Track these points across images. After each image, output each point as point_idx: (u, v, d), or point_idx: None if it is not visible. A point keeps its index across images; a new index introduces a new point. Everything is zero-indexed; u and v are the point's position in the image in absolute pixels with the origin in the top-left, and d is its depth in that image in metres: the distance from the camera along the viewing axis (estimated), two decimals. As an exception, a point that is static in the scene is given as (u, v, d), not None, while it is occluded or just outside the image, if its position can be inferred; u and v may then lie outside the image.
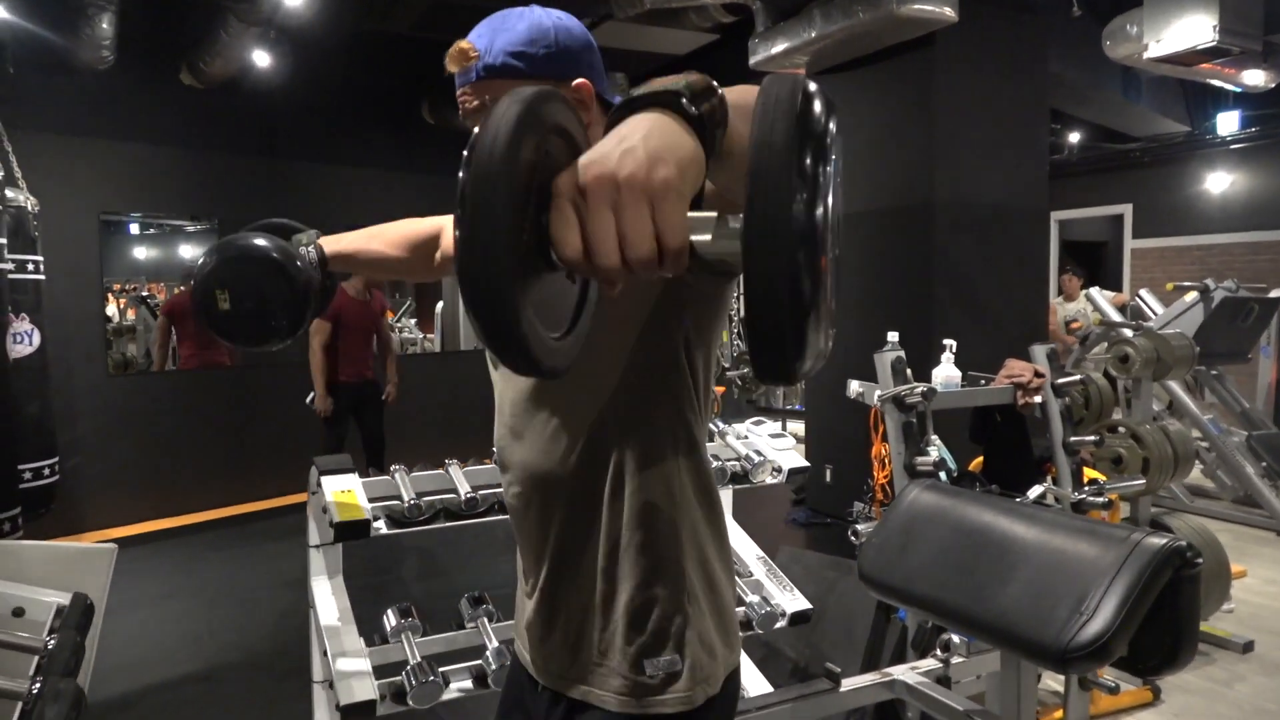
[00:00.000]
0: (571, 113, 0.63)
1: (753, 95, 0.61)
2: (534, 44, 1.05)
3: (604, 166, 0.56)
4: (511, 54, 1.04)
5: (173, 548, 5.09)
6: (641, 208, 0.55)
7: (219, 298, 1.31)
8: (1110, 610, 1.44)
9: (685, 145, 0.59)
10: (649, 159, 0.56)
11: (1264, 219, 7.88)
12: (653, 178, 0.55)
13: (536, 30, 1.06)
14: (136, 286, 10.34)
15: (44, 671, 1.38)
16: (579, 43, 1.09)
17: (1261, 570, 4.36)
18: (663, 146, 0.57)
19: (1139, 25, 5.12)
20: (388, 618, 2.19)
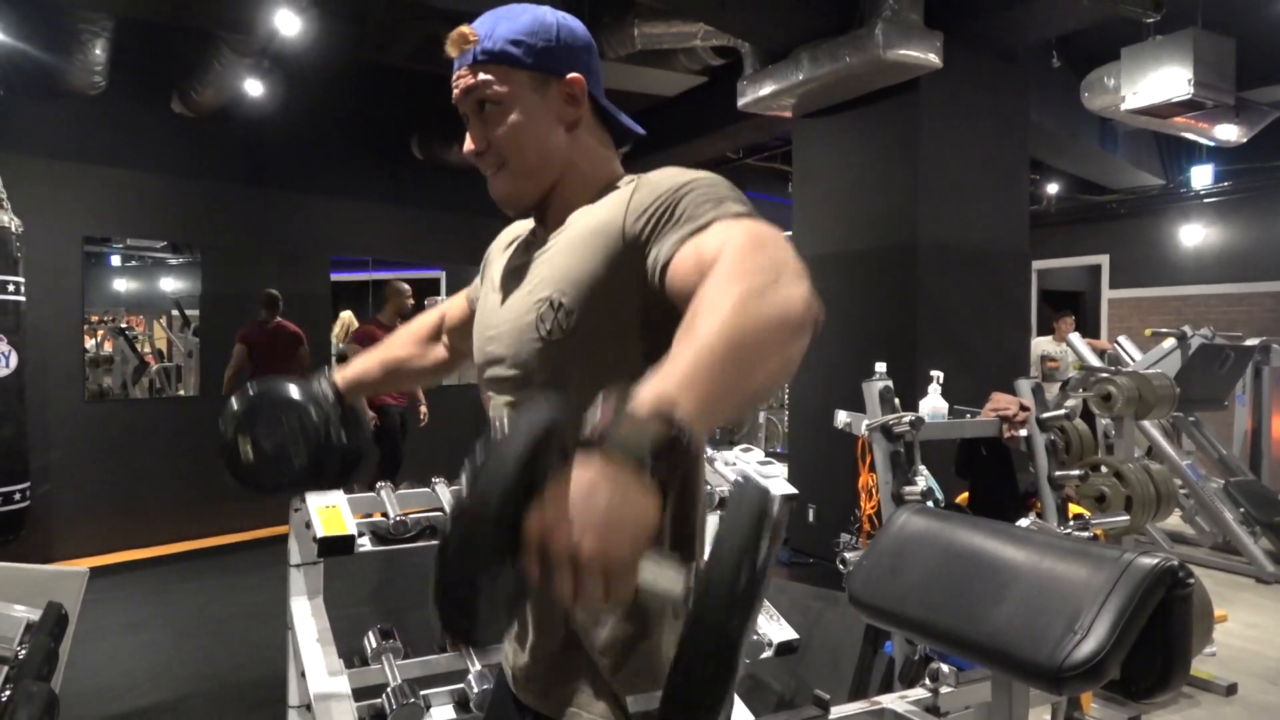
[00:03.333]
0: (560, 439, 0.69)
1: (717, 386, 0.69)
2: (534, 35, 1.06)
3: (566, 537, 0.63)
4: (511, 41, 1.05)
5: (143, 578, 4.98)
6: (596, 579, 0.63)
7: (242, 446, 1.27)
8: (1104, 630, 1.43)
9: (642, 512, 0.65)
10: (607, 536, 0.63)
11: (1238, 271, 8.04)
12: (609, 556, 0.63)
13: (539, 23, 1.07)
14: (115, 317, 10.26)
15: (16, 677, 1.34)
16: (579, 41, 1.10)
17: (1242, 615, 4.36)
18: (621, 520, 0.63)
19: (1116, 77, 5.26)
20: (368, 639, 2.15)
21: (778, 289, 0.77)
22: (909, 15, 4.31)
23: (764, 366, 0.74)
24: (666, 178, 0.98)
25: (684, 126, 7.06)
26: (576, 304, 0.99)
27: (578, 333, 0.99)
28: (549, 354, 1.02)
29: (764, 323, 0.74)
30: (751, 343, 0.73)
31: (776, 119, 5.71)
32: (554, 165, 1.09)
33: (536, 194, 1.11)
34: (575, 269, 1.00)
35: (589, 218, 1.04)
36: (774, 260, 0.80)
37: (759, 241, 0.83)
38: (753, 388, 0.74)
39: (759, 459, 2.48)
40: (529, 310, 1.03)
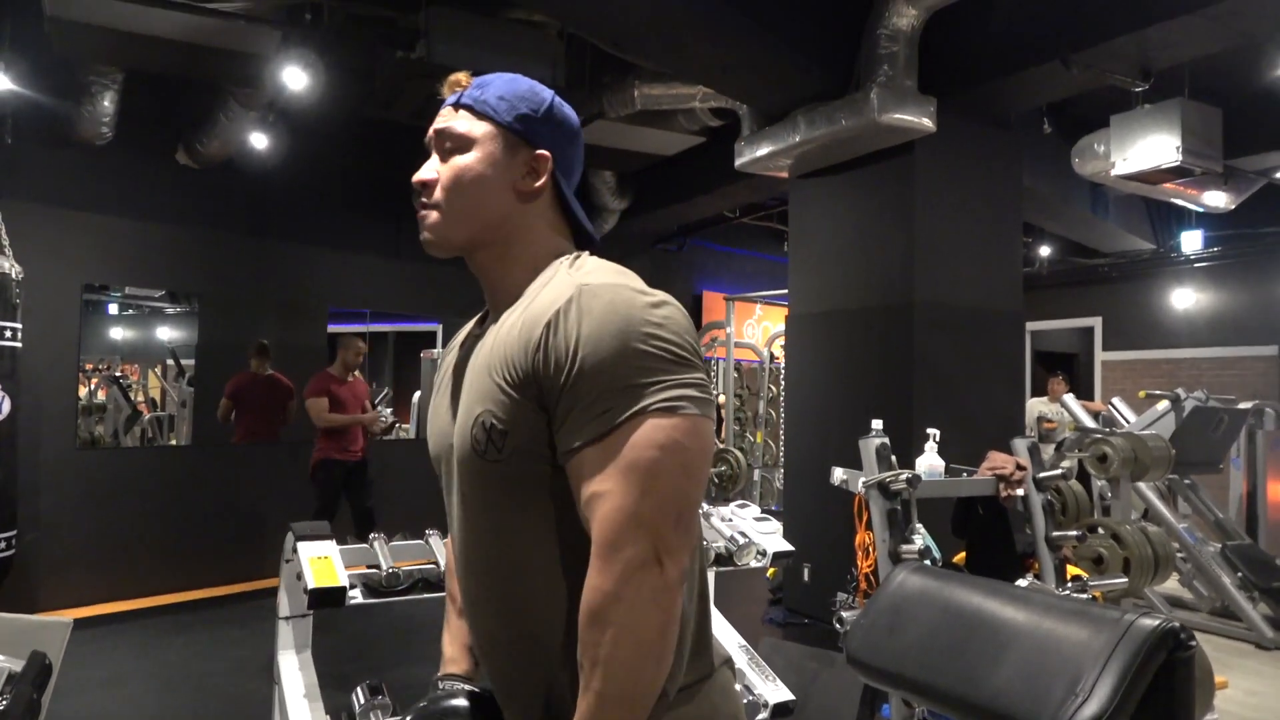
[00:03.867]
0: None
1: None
2: (523, 100, 1.08)
3: None
4: (499, 97, 1.07)
5: (128, 630, 4.88)
6: None
7: None
8: (1106, 691, 1.41)
9: None
10: None
11: (1229, 335, 8.11)
12: None
13: (533, 94, 1.09)
14: (110, 365, 10.24)
15: (-4, 729, 1.31)
16: (566, 128, 1.11)
17: (1242, 681, 4.30)
18: None
19: (1106, 144, 5.37)
20: (356, 696, 2.10)
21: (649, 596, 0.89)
22: (903, 81, 4.41)
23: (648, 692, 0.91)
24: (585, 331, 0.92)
25: (682, 185, 7.16)
26: (509, 426, 0.96)
27: (513, 457, 0.97)
28: (488, 472, 1.00)
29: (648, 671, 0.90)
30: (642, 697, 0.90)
31: (773, 179, 5.80)
32: (488, 223, 1.07)
33: (460, 240, 1.09)
34: (501, 391, 0.98)
35: (512, 332, 1.00)
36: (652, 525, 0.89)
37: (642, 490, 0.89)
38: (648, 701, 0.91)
39: (755, 515, 2.46)
40: (467, 424, 1.01)
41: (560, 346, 0.92)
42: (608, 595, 0.88)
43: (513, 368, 0.96)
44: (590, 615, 0.90)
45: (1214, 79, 5.33)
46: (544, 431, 0.96)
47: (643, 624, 0.88)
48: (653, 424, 0.89)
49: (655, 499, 0.89)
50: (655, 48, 4.47)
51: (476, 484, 1.03)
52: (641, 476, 0.89)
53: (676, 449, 0.90)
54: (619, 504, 0.89)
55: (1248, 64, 5.38)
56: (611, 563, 0.89)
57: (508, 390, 0.97)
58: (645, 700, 0.90)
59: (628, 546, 0.88)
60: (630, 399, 0.90)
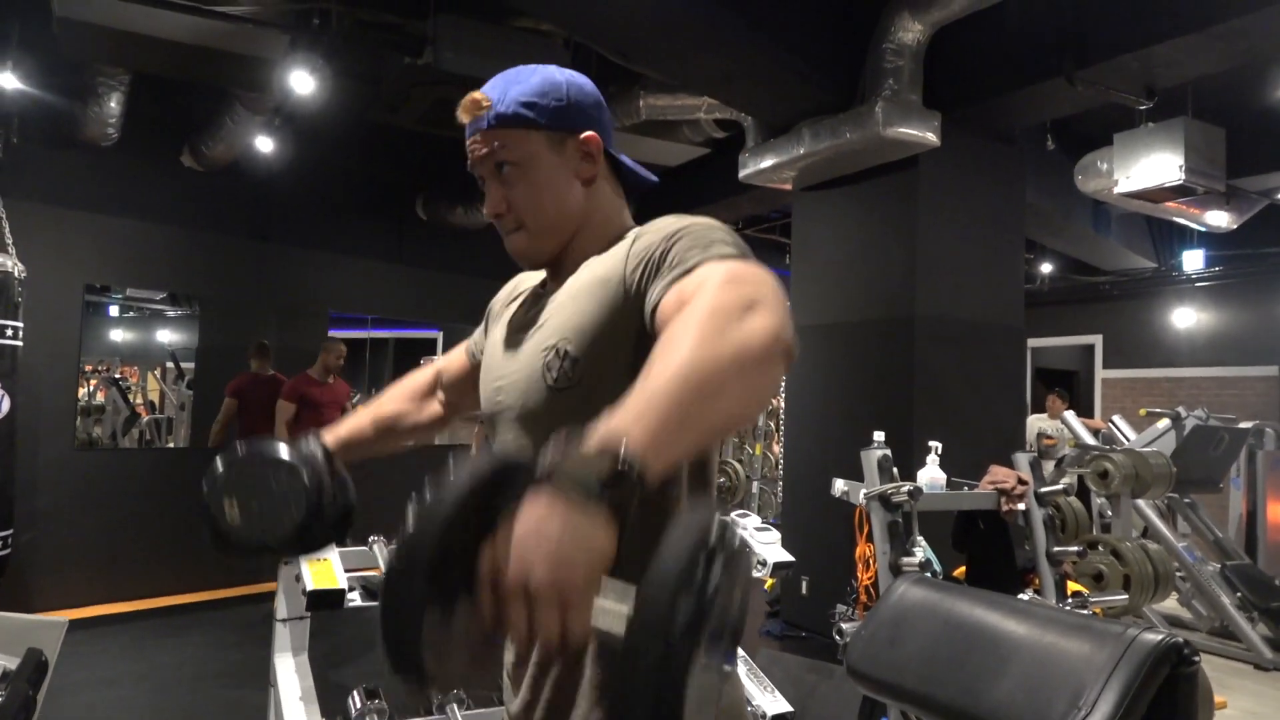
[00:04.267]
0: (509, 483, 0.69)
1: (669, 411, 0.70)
2: (545, 95, 1.08)
3: (520, 570, 0.63)
4: (524, 103, 1.07)
5: (122, 632, 4.86)
6: (552, 610, 0.63)
7: (228, 508, 1.21)
8: (1108, 707, 1.40)
9: (595, 542, 0.65)
10: (560, 566, 0.62)
11: (1229, 355, 8.11)
12: (563, 586, 0.62)
13: (549, 83, 1.09)
14: (109, 367, 10.23)
15: (-9, 725, 1.30)
16: (590, 99, 1.13)
17: (1241, 702, 4.28)
18: (573, 550, 0.63)
19: (1109, 162, 5.38)
20: (353, 699, 2.09)
21: (743, 322, 0.78)
22: (908, 95, 4.42)
23: (724, 397, 0.74)
24: (663, 226, 1.01)
25: (686, 196, 7.17)
26: (582, 353, 1.00)
27: (584, 382, 1.00)
28: (555, 403, 1.02)
29: (723, 355, 0.75)
30: (708, 375, 0.73)
31: (776, 191, 5.81)
32: (571, 221, 1.12)
33: (555, 249, 1.13)
34: (580, 318, 1.02)
35: (595, 268, 1.06)
36: (744, 295, 0.82)
37: (733, 278, 0.86)
38: (714, 419, 0.75)
39: (756, 525, 2.45)
40: (536, 359, 1.04)
41: (648, 239, 1.01)
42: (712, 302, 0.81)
43: (600, 283, 1.02)
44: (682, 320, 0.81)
45: (1217, 99, 5.35)
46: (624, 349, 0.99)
47: (751, 330, 0.78)
48: (739, 260, 0.92)
49: (754, 276, 0.87)
50: (661, 58, 4.48)
51: (544, 421, 1.03)
52: (731, 268, 0.89)
53: (763, 271, 0.90)
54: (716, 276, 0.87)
55: (1251, 84, 5.41)
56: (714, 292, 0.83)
57: (590, 309, 1.01)
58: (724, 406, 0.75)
59: (733, 286, 0.84)
60: (715, 250, 0.94)
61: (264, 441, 1.24)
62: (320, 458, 1.23)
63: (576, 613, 0.63)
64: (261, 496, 1.20)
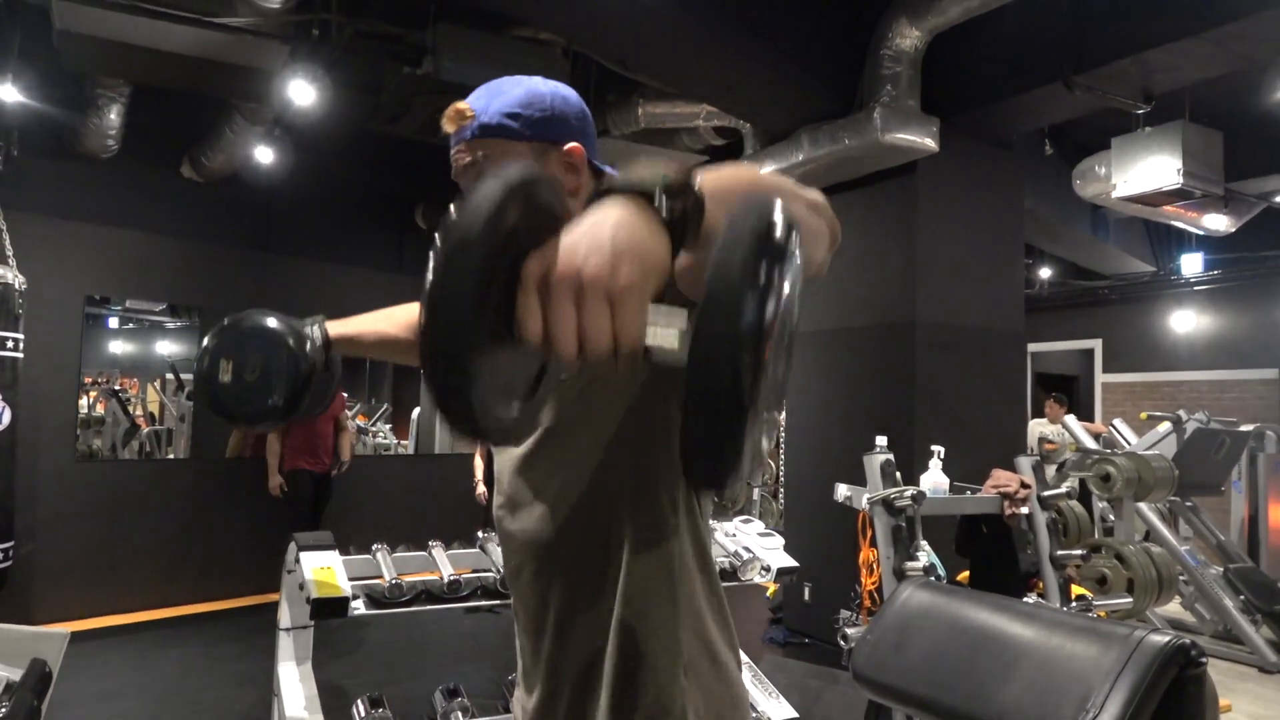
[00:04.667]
0: (554, 192, 0.65)
1: (740, 181, 0.65)
2: (529, 106, 1.08)
3: (570, 261, 0.58)
4: (507, 114, 1.07)
5: (123, 644, 4.84)
6: (601, 306, 0.58)
7: (222, 368, 1.29)
8: (1116, 709, 1.40)
9: (652, 244, 0.61)
10: (614, 257, 0.58)
11: (1229, 358, 8.12)
12: (616, 278, 0.58)
13: (533, 95, 1.10)
14: (109, 379, 10.22)
15: (-4, 736, 1.30)
16: (573, 110, 1.13)
17: (1246, 705, 4.27)
18: (629, 245, 0.59)
19: (1107, 166, 5.40)
20: (357, 708, 2.09)
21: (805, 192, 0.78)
22: (906, 101, 4.44)
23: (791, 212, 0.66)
24: None
25: (684, 204, 7.18)
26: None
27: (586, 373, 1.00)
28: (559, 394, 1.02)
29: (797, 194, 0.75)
30: (782, 192, 0.72)
31: (776, 198, 5.81)
32: None
33: None
34: None
35: None
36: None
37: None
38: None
39: (759, 530, 2.45)
40: None
41: None
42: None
43: None
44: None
45: (1215, 103, 5.36)
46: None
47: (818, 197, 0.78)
48: None
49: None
50: (661, 67, 4.50)
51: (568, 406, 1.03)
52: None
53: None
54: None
55: (1248, 88, 5.43)
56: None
57: None
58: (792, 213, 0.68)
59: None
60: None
61: (269, 316, 1.35)
62: (318, 339, 1.35)
63: (628, 315, 0.58)
64: (256, 367, 1.29)
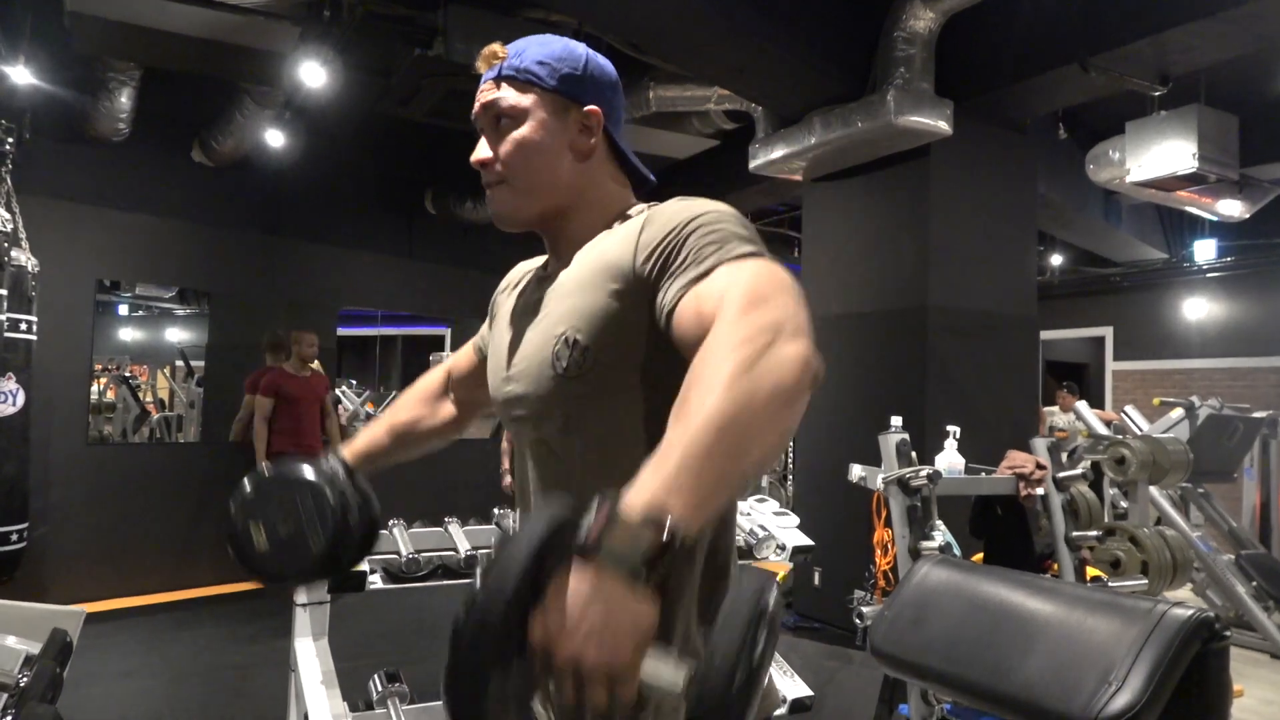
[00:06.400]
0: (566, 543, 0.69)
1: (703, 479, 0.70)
2: (562, 61, 1.08)
3: (572, 648, 0.65)
4: (539, 62, 1.08)
5: (137, 625, 4.88)
6: (600, 688, 0.65)
7: (254, 534, 1.20)
8: (1140, 681, 1.39)
9: (644, 619, 0.67)
10: (611, 647, 0.65)
11: (1242, 346, 8.07)
12: (612, 665, 0.65)
13: (569, 52, 1.10)
14: (119, 366, 10.27)
15: (19, 702, 1.30)
16: (607, 79, 1.13)
17: (1258, 691, 4.26)
18: (623, 630, 0.66)
19: (1121, 151, 5.35)
20: (374, 683, 2.10)
21: (771, 357, 0.77)
22: (920, 84, 4.40)
23: (758, 445, 0.75)
24: (674, 213, 0.98)
25: (694, 189, 7.06)
26: (592, 340, 0.98)
27: (595, 370, 0.98)
28: (567, 392, 1.00)
29: (756, 401, 0.74)
30: (744, 425, 0.73)
31: (787, 182, 5.79)
32: (557, 189, 1.09)
33: (534, 214, 1.11)
34: (589, 305, 1.00)
35: (600, 251, 1.04)
36: (769, 320, 0.80)
37: (756, 296, 0.84)
38: (748, 469, 0.76)
39: (774, 509, 2.45)
40: (545, 347, 1.02)
41: (658, 226, 0.98)
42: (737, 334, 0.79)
43: (608, 270, 1.00)
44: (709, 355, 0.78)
45: (1230, 86, 5.31)
46: (634, 337, 0.97)
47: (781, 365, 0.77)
48: (756, 263, 0.91)
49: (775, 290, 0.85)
50: (674, 48, 4.48)
51: (557, 411, 1.02)
52: (752, 279, 0.87)
53: (782, 277, 0.88)
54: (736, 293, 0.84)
55: (1264, 72, 5.38)
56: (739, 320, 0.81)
57: (599, 297, 0.99)
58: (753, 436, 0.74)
59: (757, 310, 0.81)
60: (730, 248, 0.92)
61: (288, 463, 1.22)
62: (343, 475, 1.20)
63: (625, 690, 0.66)
64: (287, 520, 1.18)
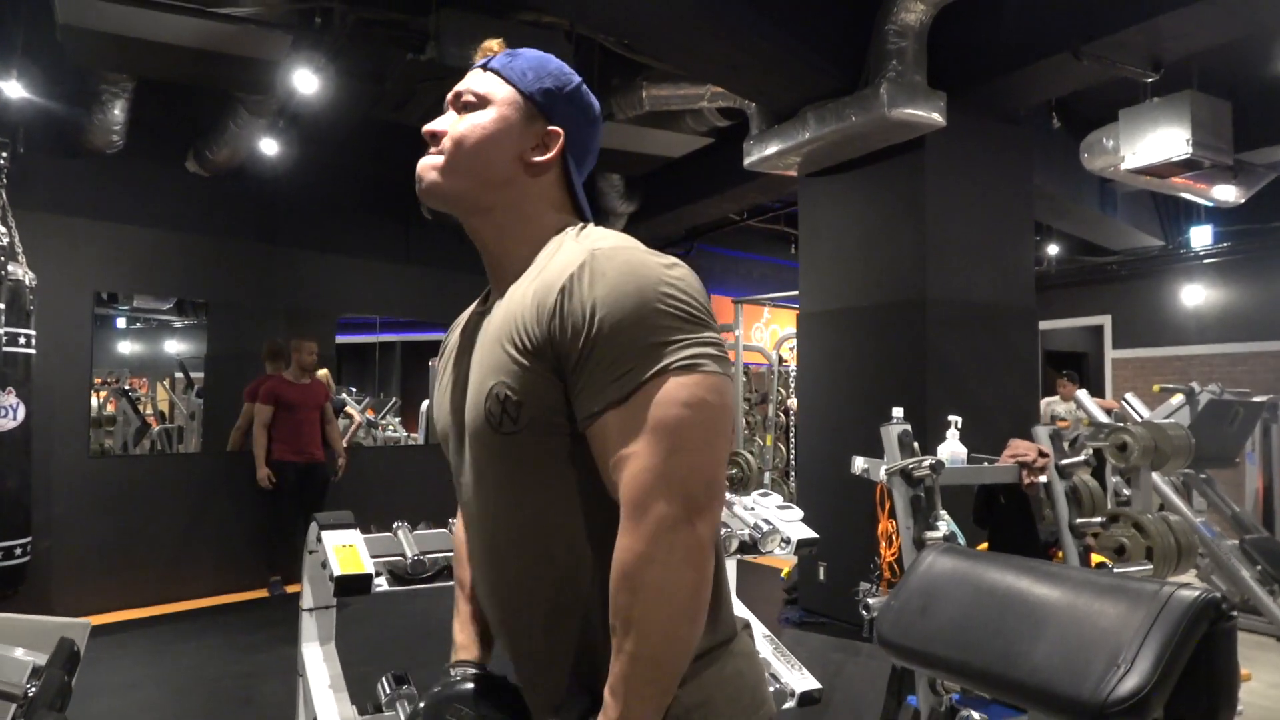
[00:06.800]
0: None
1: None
2: (549, 77, 1.09)
3: None
4: (528, 67, 1.08)
5: (141, 637, 4.87)
6: None
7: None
8: (1148, 663, 1.39)
9: None
10: None
11: (1240, 331, 8.08)
12: None
13: (562, 73, 1.10)
14: (119, 379, 10.26)
15: (28, 711, 1.30)
16: (587, 112, 1.12)
17: (1265, 675, 4.27)
18: None
19: (1115, 138, 5.35)
20: (382, 685, 2.09)
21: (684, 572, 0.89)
22: (912, 76, 4.41)
23: (686, 651, 0.91)
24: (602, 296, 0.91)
25: (690, 188, 7.16)
26: (522, 395, 0.96)
27: (530, 425, 0.96)
28: (502, 448, 0.99)
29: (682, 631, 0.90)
30: (675, 652, 0.90)
31: (782, 179, 5.80)
32: (488, 184, 1.07)
33: (455, 192, 1.07)
34: (515, 360, 0.97)
35: (521, 304, 0.99)
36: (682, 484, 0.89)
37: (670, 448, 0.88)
38: (682, 665, 0.91)
39: (778, 503, 2.45)
40: (481, 401, 0.99)
41: (577, 311, 0.91)
42: (639, 556, 0.88)
43: (527, 336, 0.95)
44: (621, 577, 0.89)
45: (1222, 72, 5.32)
46: (560, 400, 0.95)
47: (676, 584, 0.88)
48: (675, 382, 0.89)
49: (684, 457, 0.89)
50: (665, 47, 4.48)
51: (494, 460, 1.01)
52: (668, 435, 0.88)
53: (701, 405, 0.89)
54: (647, 464, 0.88)
55: (1256, 57, 5.38)
56: (642, 523, 0.88)
57: (520, 359, 0.96)
58: (679, 661, 0.90)
59: (658, 505, 0.88)
60: (651, 359, 0.89)
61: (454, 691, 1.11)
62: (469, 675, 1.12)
63: None
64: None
